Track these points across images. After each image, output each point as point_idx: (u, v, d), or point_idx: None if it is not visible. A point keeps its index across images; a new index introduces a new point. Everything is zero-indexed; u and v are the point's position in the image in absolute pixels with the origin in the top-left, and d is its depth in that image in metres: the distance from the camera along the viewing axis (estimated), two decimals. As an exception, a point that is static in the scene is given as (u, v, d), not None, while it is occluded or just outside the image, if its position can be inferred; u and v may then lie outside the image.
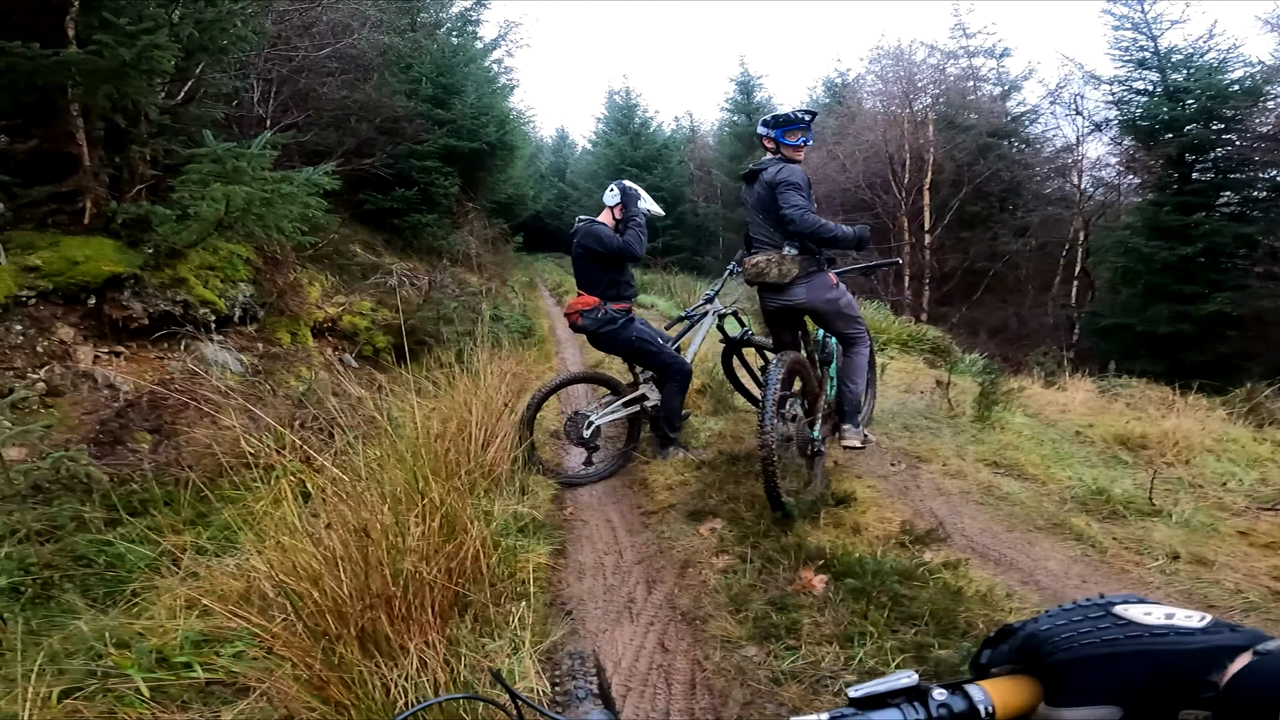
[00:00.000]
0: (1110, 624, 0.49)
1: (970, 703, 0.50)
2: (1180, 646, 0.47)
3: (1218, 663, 0.46)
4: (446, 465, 2.74)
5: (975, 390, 4.39)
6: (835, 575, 2.59)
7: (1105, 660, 0.48)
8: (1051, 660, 0.49)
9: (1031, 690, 0.51)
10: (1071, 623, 0.50)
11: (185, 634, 2.16)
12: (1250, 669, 0.45)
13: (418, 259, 9.65)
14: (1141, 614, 0.49)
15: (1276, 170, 12.17)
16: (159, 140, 4.78)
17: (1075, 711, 0.48)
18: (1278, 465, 3.77)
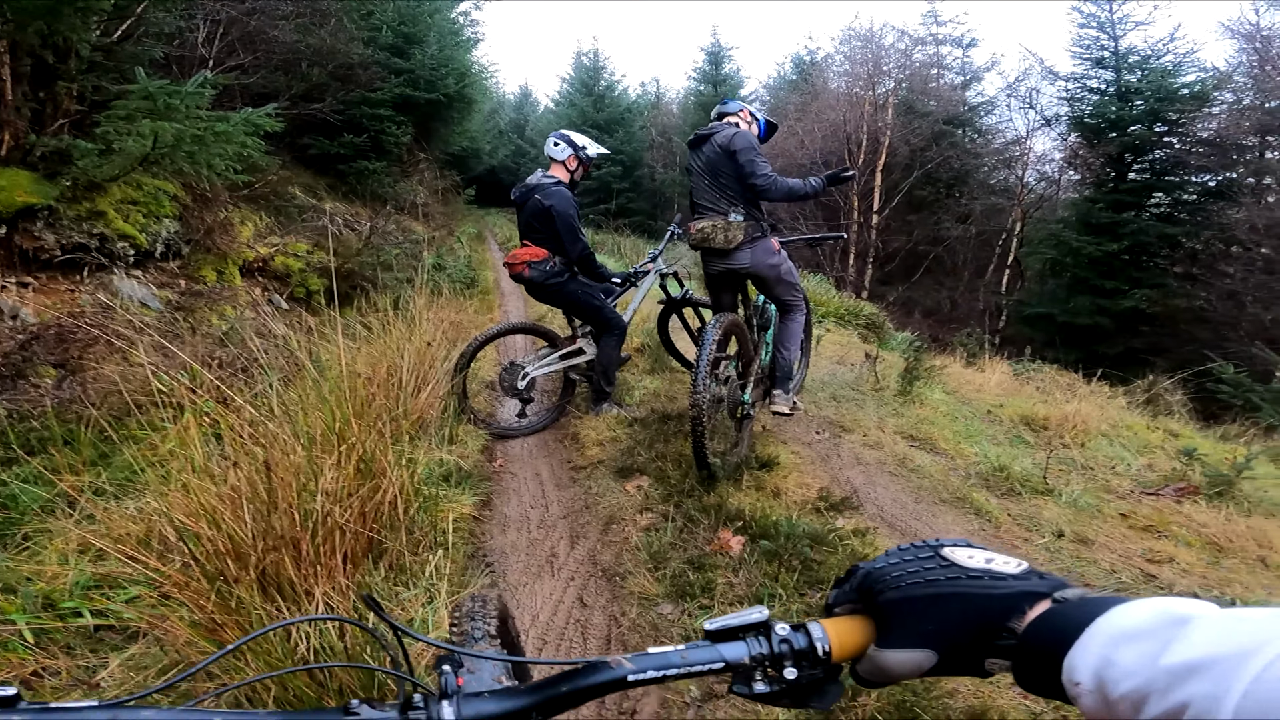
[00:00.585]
0: (935, 565, 0.50)
1: (810, 639, 0.52)
2: (991, 591, 0.47)
3: (1019, 609, 0.46)
4: (371, 409, 2.68)
5: (901, 365, 4.54)
6: (752, 537, 2.66)
7: (925, 601, 0.48)
8: (881, 600, 0.50)
9: (866, 630, 0.52)
10: (903, 562, 0.51)
11: (76, 578, 2.09)
12: (1045, 616, 0.45)
13: (361, 205, 9.32)
14: (965, 557, 0.50)
15: (1209, 175, 12.74)
16: (89, 77, 4.62)
17: (897, 654, 0.49)
18: (1165, 453, 4.03)
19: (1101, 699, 0.39)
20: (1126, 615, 0.40)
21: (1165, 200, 12.92)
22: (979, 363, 6.23)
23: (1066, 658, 0.41)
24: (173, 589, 1.86)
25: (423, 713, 0.53)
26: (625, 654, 0.54)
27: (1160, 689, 0.36)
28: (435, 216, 11.56)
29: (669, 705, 1.90)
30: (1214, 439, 4.89)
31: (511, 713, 0.54)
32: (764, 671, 0.52)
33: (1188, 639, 0.36)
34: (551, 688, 0.55)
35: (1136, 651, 0.38)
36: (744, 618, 0.53)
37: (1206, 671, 0.34)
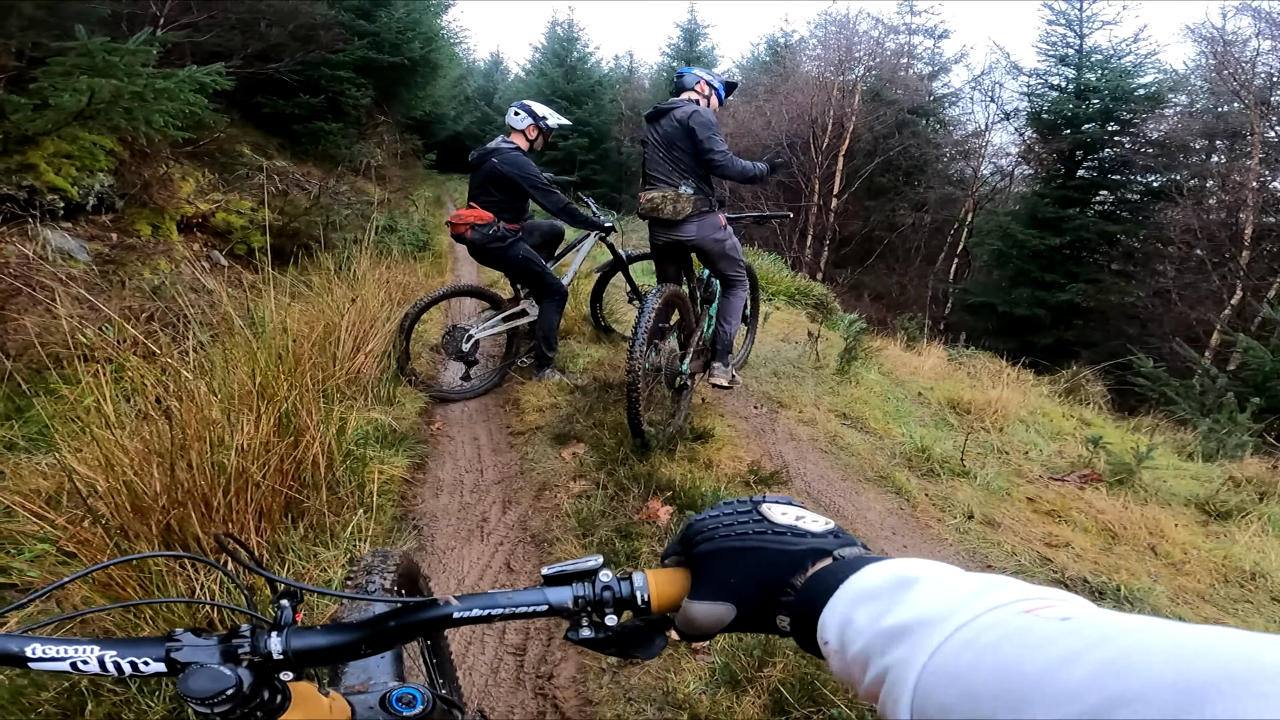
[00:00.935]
0: (749, 520, 0.50)
1: (632, 588, 0.53)
2: (786, 546, 0.47)
3: (803, 566, 0.46)
4: (302, 367, 2.64)
5: (842, 345, 4.65)
6: (680, 507, 2.71)
7: (731, 554, 0.48)
8: (695, 552, 0.51)
9: (685, 581, 0.53)
10: (723, 515, 0.51)
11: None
12: (817, 573, 0.45)
13: (314, 165, 9.04)
14: (778, 514, 0.50)
15: (1154, 175, 13.14)
16: (29, 33, 4.46)
17: (701, 605, 0.49)
18: (1076, 440, 4.21)
19: (842, 659, 0.39)
20: (869, 576, 0.40)
21: (1109, 198, 13.32)
22: (917, 346, 6.41)
23: (821, 615, 0.41)
24: (74, 546, 1.84)
25: (247, 641, 0.54)
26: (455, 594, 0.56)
27: (876, 651, 0.35)
28: (392, 180, 11.28)
29: (585, 670, 1.95)
30: (1127, 429, 5.13)
31: (340, 645, 0.56)
32: (588, 618, 0.54)
33: (908, 601, 0.36)
34: (381, 624, 0.56)
35: (869, 612, 0.38)
36: (579, 565, 0.55)
37: (909, 636, 0.34)
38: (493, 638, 2.10)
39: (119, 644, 0.53)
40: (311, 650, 0.55)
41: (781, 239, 15.33)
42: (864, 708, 1.76)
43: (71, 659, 0.52)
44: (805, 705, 1.76)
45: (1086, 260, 12.80)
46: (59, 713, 1.52)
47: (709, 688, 1.85)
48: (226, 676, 0.51)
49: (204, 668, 0.52)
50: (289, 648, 0.55)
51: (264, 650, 0.54)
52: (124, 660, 0.53)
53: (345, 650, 0.56)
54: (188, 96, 4.51)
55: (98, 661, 0.53)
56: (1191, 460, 4.31)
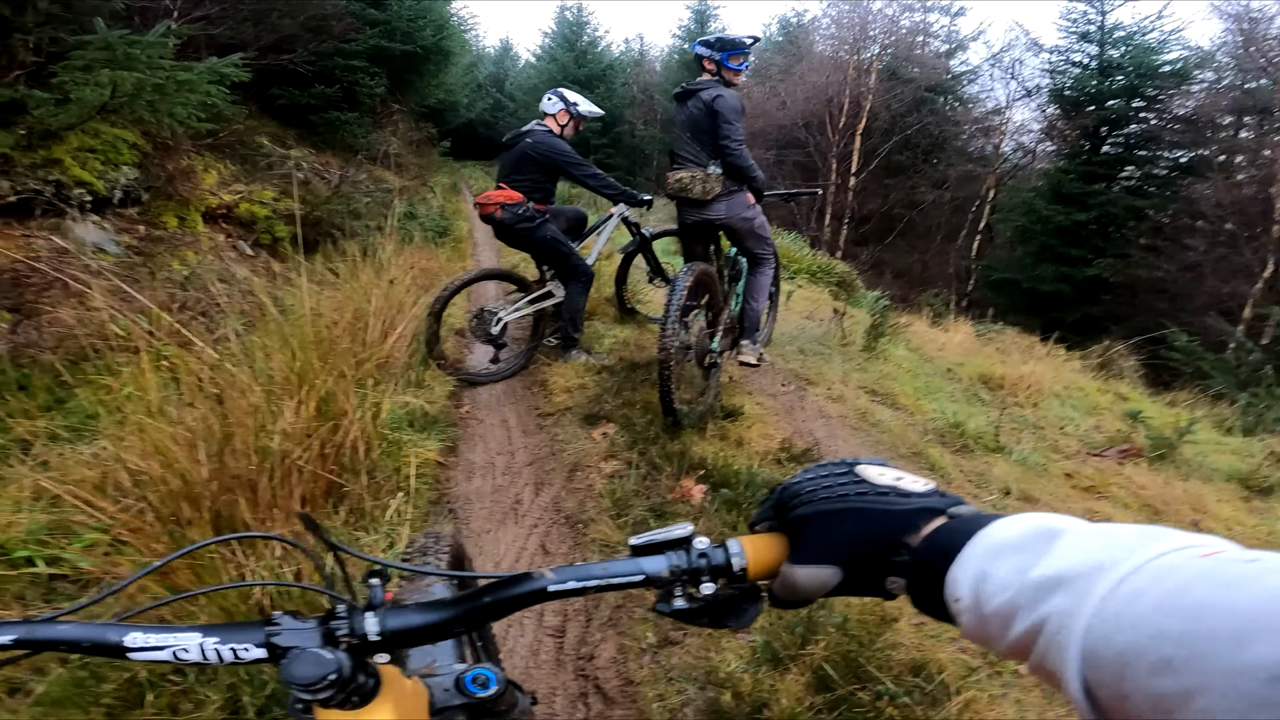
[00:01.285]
0: (848, 481, 0.49)
1: (727, 555, 0.52)
2: (892, 507, 0.46)
3: (915, 525, 0.45)
4: (335, 353, 2.66)
5: (868, 322, 4.60)
6: (713, 485, 2.70)
7: (833, 516, 0.48)
8: (793, 515, 0.50)
9: (781, 546, 0.52)
10: (817, 478, 0.51)
11: (30, 526, 2.05)
12: (935, 531, 0.44)
13: (332, 155, 9.09)
14: (876, 474, 0.49)
15: (1181, 151, 12.90)
16: (47, 29, 4.47)
17: (804, 570, 0.48)
18: (1113, 415, 4.15)
19: (977, 615, 0.38)
20: (1004, 529, 0.40)
21: (1136, 174, 13.12)
22: (944, 323, 6.33)
23: (949, 572, 0.41)
24: (126, 533, 1.86)
25: (345, 623, 0.54)
26: (549, 568, 0.55)
27: (1026, 603, 0.35)
28: (409, 167, 11.32)
29: (625, 651, 1.95)
30: (1162, 404, 5.05)
31: (436, 624, 0.55)
32: (683, 587, 0.53)
33: (1056, 552, 0.36)
34: (474, 599, 0.55)
35: (1010, 565, 0.37)
36: (668, 533, 0.54)
37: (1067, 586, 0.33)
38: (531, 620, 2.11)
39: (219, 630, 0.53)
40: (407, 630, 0.54)
41: (800, 218, 15.23)
42: (911, 683, 1.74)
43: (171, 648, 0.52)
44: (850, 682, 1.74)
45: (1113, 235, 12.59)
46: (119, 704, 1.52)
47: (750, 666, 1.83)
48: (329, 660, 0.50)
49: (305, 652, 0.51)
50: (385, 628, 0.54)
51: (361, 632, 0.53)
52: (224, 648, 0.52)
53: (440, 629, 0.55)
54: (207, 88, 4.55)
55: (198, 649, 0.52)
56: (1231, 435, 4.23)
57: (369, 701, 0.55)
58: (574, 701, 1.82)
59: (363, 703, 0.55)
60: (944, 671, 1.76)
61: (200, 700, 1.53)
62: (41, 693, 1.50)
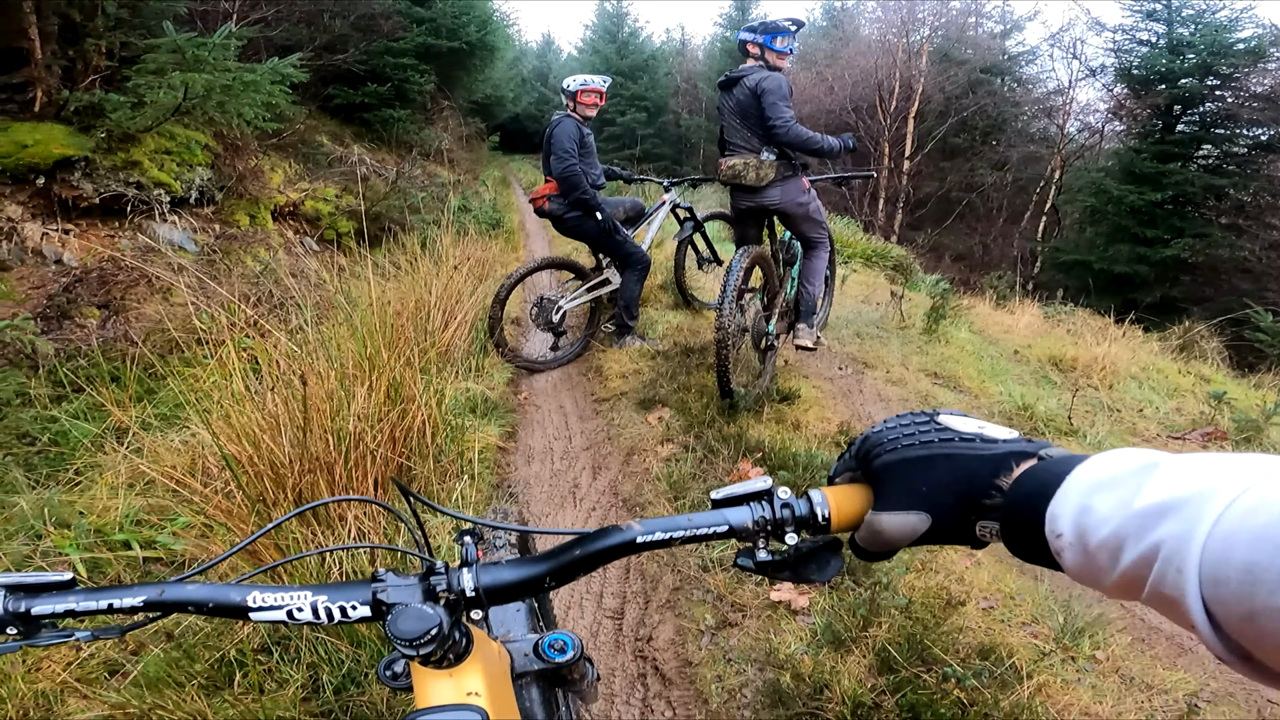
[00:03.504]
0: (931, 429, 0.50)
1: (811, 505, 0.53)
2: (980, 451, 0.47)
3: (1007, 467, 0.46)
4: (400, 340, 2.75)
5: (927, 305, 4.48)
6: (771, 468, 2.68)
7: (918, 463, 0.48)
8: (877, 464, 0.50)
9: (864, 496, 0.52)
10: (900, 426, 0.51)
11: (125, 511, 2.17)
12: (1029, 471, 0.45)
13: (387, 151, 9.37)
14: (959, 423, 0.50)
15: (1262, 129, 12.20)
16: (116, 33, 4.77)
17: (891, 517, 0.48)
18: (1195, 397, 3.93)
19: (1081, 550, 0.39)
20: (1102, 463, 0.40)
21: (1214, 152, 12.48)
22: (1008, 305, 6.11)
23: (1048, 509, 0.41)
24: (216, 513, 1.95)
25: (443, 578, 0.56)
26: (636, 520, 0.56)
27: (1134, 532, 0.35)
28: (460, 162, 11.56)
29: (684, 633, 1.96)
30: (1247, 386, 4.76)
31: (528, 580, 0.56)
32: (765, 539, 0.53)
33: (1158, 481, 0.36)
34: (566, 553, 0.56)
35: (1112, 497, 0.37)
36: (748, 486, 0.54)
37: (1176, 512, 0.34)
38: (590, 602, 2.14)
39: (328, 589, 0.55)
40: (501, 586, 0.56)
41: (852, 202, 14.93)
42: (980, 666, 1.70)
43: (287, 606, 0.54)
44: (914, 664, 1.72)
45: (1191, 215, 11.99)
46: (210, 684, 1.59)
47: (811, 648, 1.81)
48: (430, 615, 0.52)
49: (409, 607, 0.53)
50: (480, 583, 0.55)
51: (458, 588, 0.55)
52: (334, 605, 0.54)
53: (532, 584, 0.56)
54: (270, 89, 4.73)
55: (310, 609, 0.54)
56: (1324, 416, 3.95)
57: (462, 660, 0.57)
58: (633, 682, 1.83)
59: (456, 661, 0.57)
60: (1014, 655, 1.72)
61: (284, 680, 1.60)
62: (139, 672, 1.59)
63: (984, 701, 1.58)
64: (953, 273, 11.12)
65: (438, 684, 0.56)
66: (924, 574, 2.06)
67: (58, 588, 0.54)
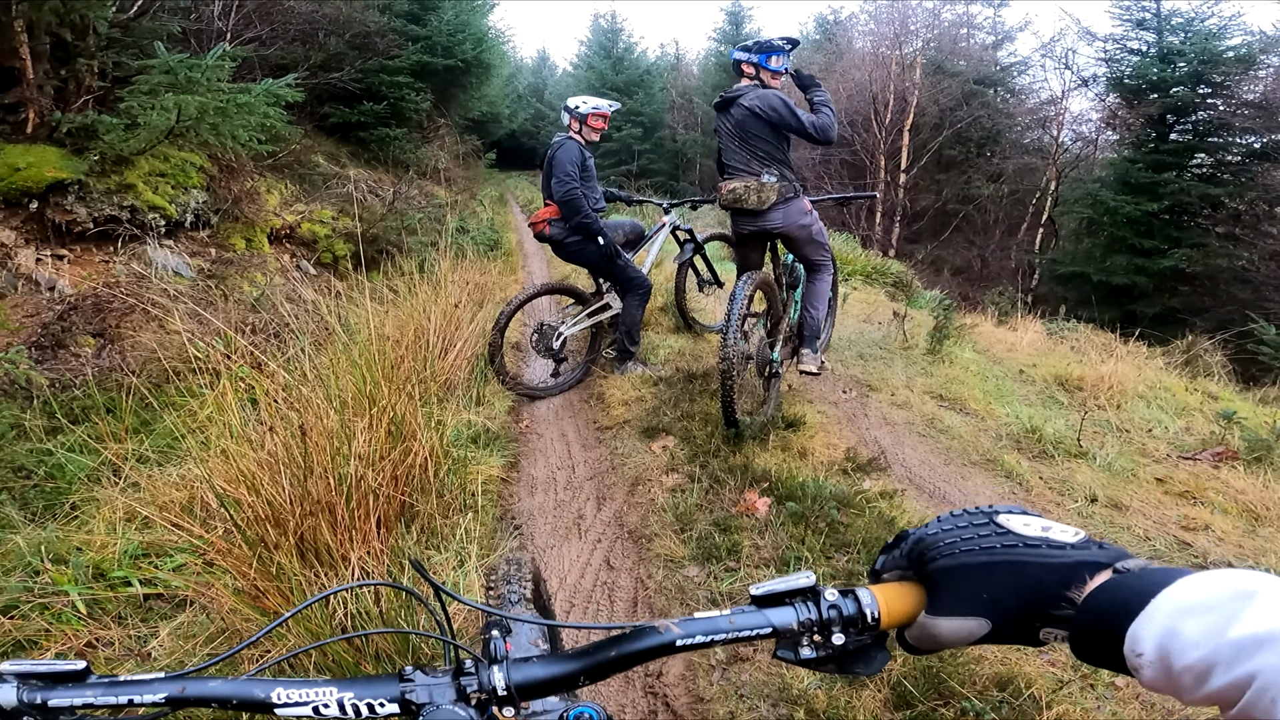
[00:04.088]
0: (991, 532, 0.48)
1: (859, 605, 0.51)
2: (1048, 560, 0.46)
3: (1079, 578, 0.45)
4: (400, 372, 2.71)
5: (930, 324, 4.46)
6: (778, 498, 2.64)
7: (979, 569, 0.47)
8: (933, 567, 0.49)
9: (917, 597, 0.51)
10: (957, 529, 0.50)
11: (124, 547, 2.14)
12: (1105, 586, 0.44)
13: (384, 171, 9.36)
14: (1021, 524, 0.48)
15: (1254, 136, 12.29)
16: (108, 53, 4.73)
17: (949, 622, 0.48)
18: (1204, 416, 3.90)
19: (1164, 670, 0.38)
20: (1193, 587, 0.39)
21: (1208, 161, 12.61)
22: (1011, 321, 6.10)
23: (1130, 629, 0.40)
24: (216, 556, 1.91)
25: (474, 678, 0.54)
26: (673, 619, 0.54)
27: (1226, 660, 0.35)
28: (457, 181, 11.57)
29: (695, 667, 1.91)
30: (1254, 402, 4.74)
31: (561, 677, 0.55)
32: (810, 638, 0.52)
33: (1256, 612, 0.36)
34: (600, 652, 0.55)
35: (1203, 624, 0.37)
36: (791, 583, 0.53)
37: (1273, 644, 0.34)
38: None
39: (354, 684, 0.53)
40: (533, 683, 0.54)
41: (850, 217, 15.00)
42: (998, 698, 1.67)
43: (313, 703, 0.52)
44: (931, 698, 1.69)
45: (1188, 224, 12.10)
46: None
47: (824, 683, 1.78)
48: (463, 718, 0.51)
49: (440, 709, 0.52)
50: (511, 681, 0.54)
51: (489, 686, 0.53)
52: (361, 702, 0.53)
53: (565, 681, 0.55)
54: (265, 109, 4.70)
55: (337, 705, 0.52)
56: (1334, 434, 3.92)
57: None
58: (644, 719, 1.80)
59: None
60: (1032, 685, 1.70)
61: None
62: None
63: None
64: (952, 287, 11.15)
65: None
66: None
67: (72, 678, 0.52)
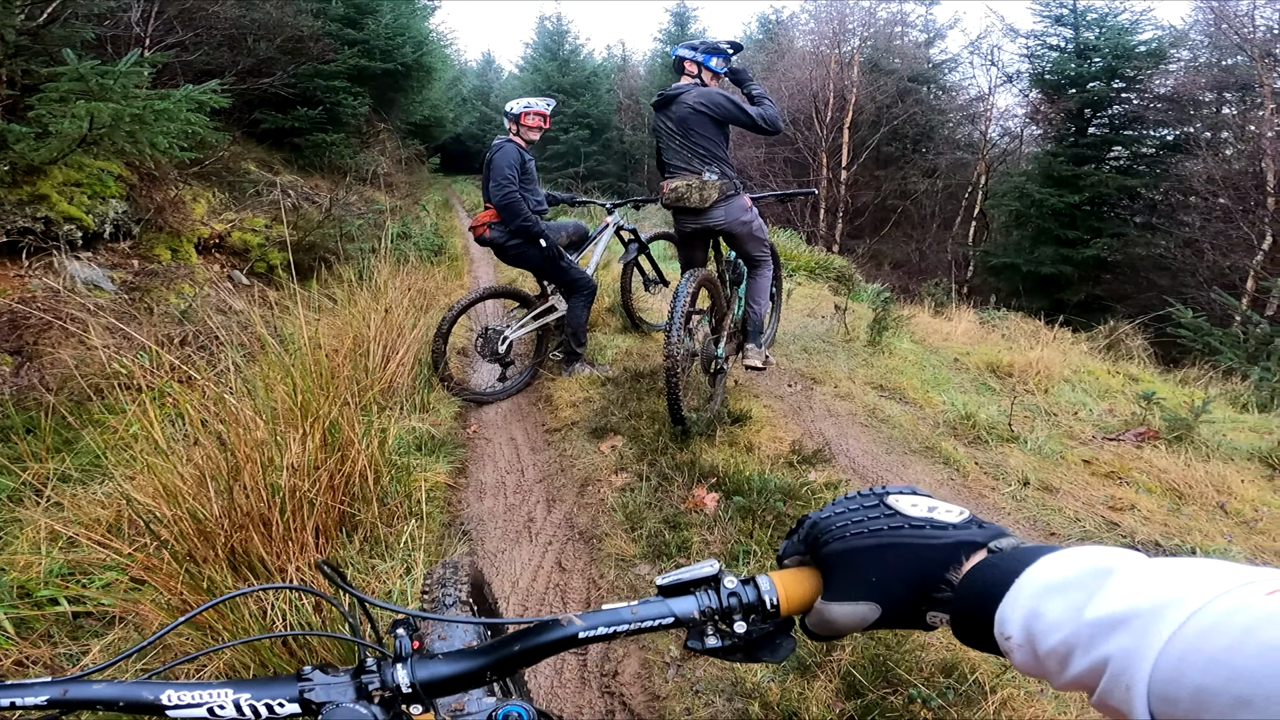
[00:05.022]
0: (879, 514, 0.48)
1: (759, 593, 0.51)
2: (931, 541, 0.45)
3: (956, 559, 0.44)
4: (338, 381, 2.63)
5: (870, 316, 4.57)
6: (726, 493, 2.67)
7: (867, 552, 0.47)
8: (825, 551, 0.49)
9: (814, 581, 0.51)
10: (849, 511, 0.50)
11: (49, 567, 2.06)
12: (978, 567, 0.43)
13: (320, 177, 9.09)
14: (909, 505, 0.48)
15: (1167, 129, 12.99)
16: (17, 61, 4.48)
17: (841, 607, 0.47)
18: (1126, 398, 4.10)
19: (1032, 653, 0.38)
20: (1053, 565, 0.39)
21: (1124, 154, 13.22)
22: (946, 312, 6.33)
23: (998, 610, 0.40)
24: (144, 573, 1.84)
25: (376, 676, 0.53)
26: (576, 612, 0.54)
27: (1084, 643, 0.35)
28: (399, 186, 11.32)
29: (649, 665, 1.92)
30: (1173, 383, 5.01)
31: (467, 673, 0.54)
32: (715, 626, 0.52)
33: (1111, 591, 0.35)
34: (505, 647, 0.54)
35: (1063, 603, 0.36)
36: (695, 572, 0.53)
37: (1127, 625, 0.33)
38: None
39: (252, 685, 0.52)
40: (438, 680, 0.54)
41: (794, 214, 15.32)
42: (944, 684, 1.72)
43: (208, 704, 0.51)
44: (880, 686, 1.72)
45: (1108, 215, 12.70)
46: None
47: (777, 675, 1.81)
48: (365, 716, 0.50)
49: (340, 707, 0.50)
50: (416, 679, 0.53)
51: (393, 684, 0.53)
52: (259, 703, 0.51)
53: (471, 678, 0.54)
54: (187, 116, 4.52)
55: (234, 706, 0.51)
56: (1247, 411, 4.18)
57: None
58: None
59: None
60: (977, 670, 1.73)
61: None
62: None
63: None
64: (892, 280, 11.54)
65: None
66: (884, 591, 2.06)
67: None
